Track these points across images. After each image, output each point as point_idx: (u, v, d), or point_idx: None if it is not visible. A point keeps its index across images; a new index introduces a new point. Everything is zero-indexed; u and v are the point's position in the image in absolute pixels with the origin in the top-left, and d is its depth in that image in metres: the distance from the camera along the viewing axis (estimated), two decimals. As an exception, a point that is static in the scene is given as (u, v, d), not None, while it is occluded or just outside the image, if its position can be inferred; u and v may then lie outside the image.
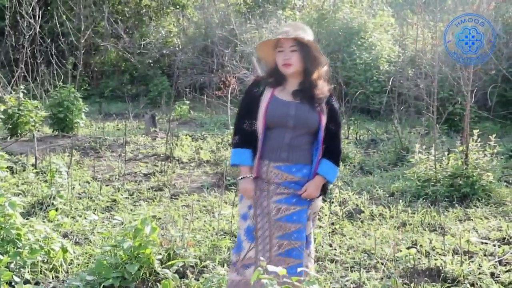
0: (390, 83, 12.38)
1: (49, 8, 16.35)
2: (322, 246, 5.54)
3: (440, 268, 4.95)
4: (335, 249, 5.54)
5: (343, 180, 7.94)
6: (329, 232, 5.97)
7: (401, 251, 4.92)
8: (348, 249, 5.55)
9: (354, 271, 5.01)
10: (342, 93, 12.64)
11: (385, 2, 17.62)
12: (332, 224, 6.22)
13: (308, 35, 3.64)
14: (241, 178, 3.68)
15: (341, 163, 3.88)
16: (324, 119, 3.61)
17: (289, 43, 3.59)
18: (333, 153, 3.67)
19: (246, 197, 3.68)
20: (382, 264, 5.09)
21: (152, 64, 18.06)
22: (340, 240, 5.79)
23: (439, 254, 5.31)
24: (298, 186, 3.62)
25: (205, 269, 4.95)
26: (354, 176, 8.45)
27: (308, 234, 3.72)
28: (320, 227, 5.97)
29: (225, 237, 5.66)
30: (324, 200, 6.53)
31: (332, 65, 13.19)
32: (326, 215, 6.31)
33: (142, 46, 17.93)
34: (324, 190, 3.72)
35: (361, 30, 15.37)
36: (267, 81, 3.72)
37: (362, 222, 6.38)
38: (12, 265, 4.45)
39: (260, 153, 3.64)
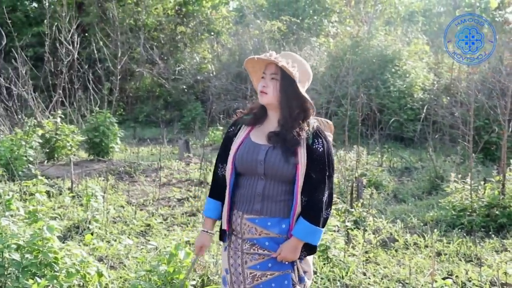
0: (425, 110, 12.32)
1: (86, 34, 16.70)
2: (356, 275, 5.49)
3: (477, 300, 4.86)
4: (369, 278, 5.49)
5: (377, 208, 7.88)
6: (363, 261, 5.92)
7: (436, 281, 4.85)
8: (382, 278, 5.50)
9: (389, 301, 4.95)
10: (376, 120, 12.62)
11: (420, 30, 17.61)
12: (366, 252, 6.16)
13: (299, 68, 3.08)
14: (201, 231, 3.31)
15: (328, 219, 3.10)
16: (301, 167, 3.00)
17: (272, 69, 3.08)
18: (311, 209, 3.03)
19: (196, 253, 3.32)
20: (417, 294, 5.03)
21: (186, 90, 18.27)
22: (374, 269, 5.73)
23: (476, 286, 5.22)
24: (275, 245, 3.06)
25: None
26: (388, 204, 8.38)
27: None
28: (353, 255, 5.93)
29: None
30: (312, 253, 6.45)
31: (366, 93, 13.20)
32: (359, 243, 6.26)
33: (176, 72, 18.18)
34: (309, 250, 3.10)
35: (395, 58, 15.35)
36: (244, 118, 3.23)
37: (396, 251, 6.31)
38: (48, 288, 4.50)
39: (230, 202, 3.15)
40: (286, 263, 3.03)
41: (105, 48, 13.64)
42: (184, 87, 18.22)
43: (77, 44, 11.80)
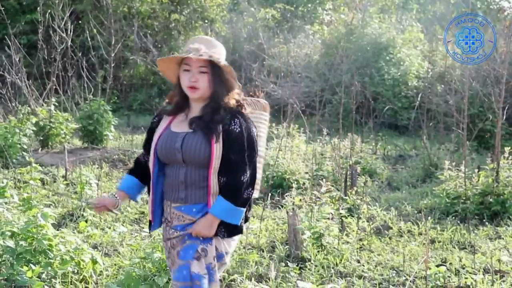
0: (419, 98, 12.33)
1: (80, 22, 16.61)
2: (350, 262, 5.51)
3: (471, 287, 4.89)
4: (363, 265, 5.51)
5: (371, 196, 7.89)
6: (357, 248, 5.93)
7: (430, 268, 4.87)
8: (376, 266, 5.52)
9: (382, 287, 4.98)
10: (370, 108, 12.63)
11: (414, 18, 17.58)
12: (360, 240, 6.18)
13: (221, 54, 3.13)
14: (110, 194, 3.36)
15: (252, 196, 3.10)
16: (217, 148, 3.00)
17: (199, 63, 3.04)
18: (229, 188, 3.02)
19: (95, 206, 3.36)
20: (411, 281, 5.05)
21: (180, 78, 18.21)
22: (368, 256, 5.75)
23: (470, 273, 5.24)
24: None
25: (232, 283, 4.96)
26: (382, 192, 8.40)
27: (196, 273, 3.05)
28: (347, 242, 5.94)
29: (252, 251, 5.66)
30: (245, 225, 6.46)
31: (360, 81, 13.19)
32: (353, 230, 6.28)
33: (170, 60, 18.10)
34: (231, 230, 3.12)
35: (389, 46, 15.34)
36: (166, 109, 3.24)
37: (390, 238, 6.33)
38: (43, 275, 4.50)
39: (160, 192, 3.22)
40: (200, 238, 3.07)
41: (98, 36, 13.55)
42: (178, 75, 18.16)
43: (70, 31, 11.72)
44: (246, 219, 3.24)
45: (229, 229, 3.10)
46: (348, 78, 12.80)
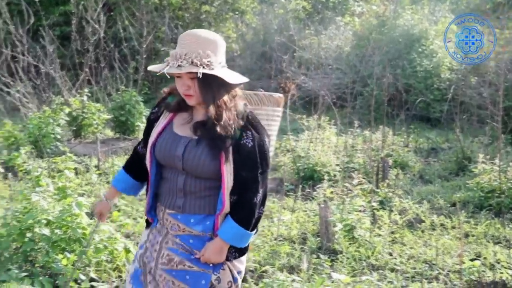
0: (452, 91, 12.17)
1: (112, 13, 16.72)
2: (382, 255, 5.48)
3: (506, 282, 4.82)
4: (395, 258, 5.47)
5: (403, 188, 7.82)
6: (389, 241, 5.89)
7: (464, 262, 4.82)
8: (408, 259, 5.48)
9: (415, 281, 4.94)
10: (402, 101, 12.51)
11: (447, 9, 17.33)
12: (392, 233, 6.14)
13: (209, 48, 2.61)
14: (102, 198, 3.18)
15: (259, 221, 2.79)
16: (228, 166, 2.64)
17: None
18: (240, 209, 2.69)
19: (98, 219, 3.20)
20: (444, 275, 5.00)
21: (210, 69, 18.23)
22: (401, 250, 5.71)
23: (505, 268, 5.18)
24: (200, 243, 2.76)
25: (264, 274, 4.97)
26: (414, 185, 8.32)
27: None
28: (379, 235, 5.91)
29: (284, 243, 5.66)
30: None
31: (392, 72, 13.05)
32: (385, 223, 6.23)
33: (201, 51, 18.13)
34: (240, 251, 2.81)
35: (422, 37, 15.12)
36: (167, 103, 2.84)
37: (422, 232, 6.28)
38: (78, 264, 4.56)
39: (153, 193, 2.87)
40: (210, 265, 2.74)
41: (130, 27, 13.65)
42: (209, 66, 18.18)
43: (103, 23, 11.82)
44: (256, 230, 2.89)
45: (239, 249, 2.79)
46: (379, 70, 12.67)
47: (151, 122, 2.89)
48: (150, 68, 2.72)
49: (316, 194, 7.22)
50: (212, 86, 2.62)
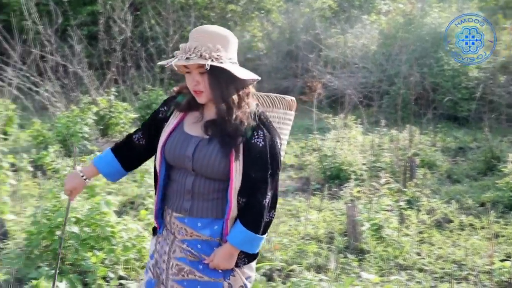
0: (480, 89, 12.02)
1: (139, 13, 16.84)
2: (410, 255, 5.44)
3: (537, 282, 4.76)
4: (424, 258, 5.43)
5: (430, 188, 7.74)
6: (417, 241, 5.84)
7: (494, 263, 4.76)
8: (437, 259, 5.43)
9: (444, 282, 4.89)
10: (429, 99, 12.40)
11: (475, 7, 17.13)
12: (420, 233, 6.08)
13: (225, 46, 2.57)
14: (76, 172, 2.90)
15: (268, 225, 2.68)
16: (237, 165, 2.56)
17: (196, 63, 2.54)
18: (250, 213, 2.60)
19: (69, 196, 2.97)
20: (474, 276, 4.94)
21: (236, 68, 18.26)
22: (429, 250, 5.66)
23: (535, 268, 5.10)
24: (208, 248, 2.66)
25: (291, 273, 4.96)
26: (442, 184, 8.24)
27: None
28: (407, 235, 5.86)
29: (311, 242, 5.64)
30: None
31: (419, 71, 12.94)
32: (413, 223, 6.18)
33: (227, 50, 18.16)
34: (250, 256, 2.71)
35: (449, 35, 14.98)
36: (177, 102, 2.76)
37: (451, 231, 6.21)
38: (106, 261, 4.60)
39: (162, 196, 2.76)
40: (220, 271, 2.65)
41: (157, 27, 13.72)
42: (234, 65, 18.21)
43: (130, 22, 11.93)
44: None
45: (248, 255, 2.69)
46: (406, 68, 12.57)
47: (158, 120, 2.79)
48: (160, 63, 2.70)
49: (343, 193, 7.19)
50: (221, 81, 2.55)
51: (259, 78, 2.68)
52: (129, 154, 2.88)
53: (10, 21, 11.68)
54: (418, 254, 5.54)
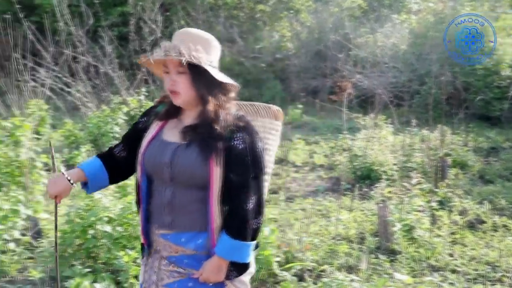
0: (513, 89, 11.85)
1: (168, 13, 16.95)
2: (443, 256, 5.39)
3: None
4: (456, 260, 5.37)
5: (462, 188, 7.65)
6: (449, 242, 5.79)
7: (529, 265, 4.69)
8: (470, 260, 5.37)
9: (478, 283, 4.83)
10: (460, 99, 12.26)
11: (508, 5, 16.89)
12: (452, 233, 6.02)
13: (207, 49, 2.54)
14: (61, 174, 2.69)
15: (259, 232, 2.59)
16: (217, 170, 2.45)
17: (175, 63, 2.49)
18: (233, 220, 2.49)
19: (55, 200, 2.72)
20: (509, 277, 4.88)
21: (265, 68, 18.27)
22: (461, 251, 5.60)
23: None
24: (195, 262, 2.56)
25: (322, 273, 4.94)
26: (474, 185, 8.13)
27: None
28: (439, 236, 5.80)
29: (342, 242, 5.62)
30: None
31: (451, 70, 12.80)
32: (445, 224, 6.12)
33: (255, 50, 18.19)
34: (240, 268, 2.59)
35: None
36: (156, 111, 2.69)
37: (484, 232, 6.14)
38: (138, 260, 4.63)
39: (145, 211, 2.64)
40: (210, 284, 2.55)
41: (186, 27, 13.80)
42: (263, 65, 18.22)
43: (160, 23, 11.99)
44: (256, 246, 2.65)
45: (238, 267, 2.57)
46: (437, 68, 12.44)
47: (138, 131, 2.70)
48: (139, 61, 2.61)
49: (373, 194, 7.15)
50: (200, 83, 2.48)
51: (239, 86, 2.59)
52: (113, 166, 2.76)
53: (42, 22, 11.83)
54: (451, 255, 5.48)
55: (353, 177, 8.18)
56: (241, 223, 2.48)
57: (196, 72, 2.47)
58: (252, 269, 2.66)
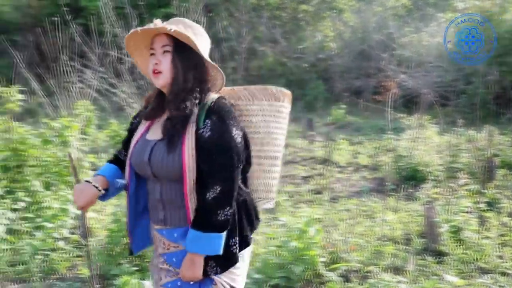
0: None
1: (211, 14, 17.06)
2: (492, 258, 5.28)
3: None
4: (506, 262, 5.25)
5: (510, 189, 7.49)
6: (498, 244, 5.66)
7: None
8: (520, 263, 5.25)
9: (529, 286, 4.72)
10: (508, 99, 12.01)
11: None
12: (501, 235, 5.89)
13: (192, 29, 2.46)
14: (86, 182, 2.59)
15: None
16: (190, 160, 2.37)
17: (162, 41, 2.44)
18: (197, 211, 2.37)
19: (77, 207, 2.64)
20: (561, 281, 4.76)
21: (308, 69, 18.23)
22: (511, 253, 5.48)
23: None
24: (182, 261, 2.49)
25: (368, 274, 4.90)
26: (524, 185, 7.95)
27: None
28: (488, 237, 5.69)
29: (388, 243, 5.56)
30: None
31: (498, 70, 12.54)
32: (494, 225, 5.99)
33: (298, 50, 18.16)
34: (223, 263, 2.43)
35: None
36: (143, 112, 2.64)
37: (534, 235, 5.99)
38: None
39: (132, 211, 2.60)
40: (191, 283, 2.43)
41: (229, 28, 13.86)
42: (306, 65, 18.18)
43: (203, 24, 12.07)
44: (247, 243, 2.53)
45: (220, 262, 2.42)
46: (484, 67, 12.22)
47: (131, 132, 2.65)
48: (132, 31, 2.49)
49: (419, 194, 7.06)
50: (183, 64, 2.43)
51: (224, 77, 2.52)
52: (121, 165, 2.67)
53: (88, 24, 12.03)
54: (500, 257, 5.36)
55: (398, 178, 8.08)
56: (204, 214, 2.35)
57: (182, 55, 2.43)
58: (241, 264, 2.50)
